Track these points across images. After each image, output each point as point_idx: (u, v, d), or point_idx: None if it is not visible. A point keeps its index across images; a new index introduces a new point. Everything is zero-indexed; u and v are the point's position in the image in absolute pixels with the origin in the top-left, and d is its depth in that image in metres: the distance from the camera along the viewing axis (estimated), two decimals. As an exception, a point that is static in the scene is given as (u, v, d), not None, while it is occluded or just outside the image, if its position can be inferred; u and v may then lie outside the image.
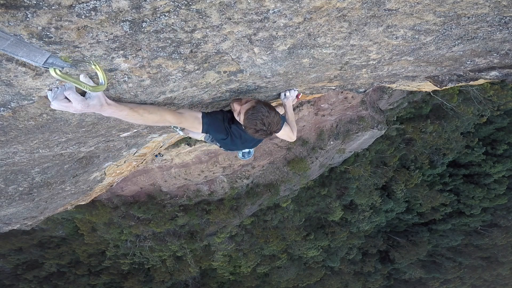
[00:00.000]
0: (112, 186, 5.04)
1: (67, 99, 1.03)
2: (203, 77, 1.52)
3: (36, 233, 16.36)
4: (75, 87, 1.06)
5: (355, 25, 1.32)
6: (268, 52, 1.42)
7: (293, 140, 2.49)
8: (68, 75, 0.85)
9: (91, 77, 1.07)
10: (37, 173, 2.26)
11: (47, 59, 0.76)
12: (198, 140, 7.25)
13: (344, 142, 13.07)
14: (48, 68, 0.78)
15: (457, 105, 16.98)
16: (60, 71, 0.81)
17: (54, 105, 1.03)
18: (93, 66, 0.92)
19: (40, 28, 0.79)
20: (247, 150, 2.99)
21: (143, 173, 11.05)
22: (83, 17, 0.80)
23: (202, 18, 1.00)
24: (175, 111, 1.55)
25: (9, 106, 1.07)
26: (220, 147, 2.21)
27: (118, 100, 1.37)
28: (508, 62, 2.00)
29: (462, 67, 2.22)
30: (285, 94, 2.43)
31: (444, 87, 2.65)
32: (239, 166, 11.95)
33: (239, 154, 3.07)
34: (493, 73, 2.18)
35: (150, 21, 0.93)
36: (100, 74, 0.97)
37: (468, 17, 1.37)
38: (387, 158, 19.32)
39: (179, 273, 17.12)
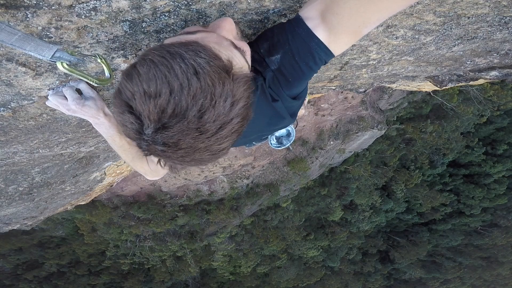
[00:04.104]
0: (112, 186, 5.05)
1: (65, 97, 1.03)
2: (203, 77, 1.52)
3: (36, 233, 16.35)
4: (75, 87, 1.06)
5: (355, 25, 1.32)
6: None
7: None
8: (75, 68, 0.85)
9: (93, 75, 1.08)
10: (37, 173, 2.26)
11: (54, 53, 0.77)
12: None
13: (344, 142, 13.07)
14: (55, 62, 0.79)
15: (457, 105, 16.98)
16: (67, 64, 0.82)
17: (50, 101, 1.03)
18: (99, 60, 0.93)
19: (40, 28, 0.79)
20: (282, 132, 1.82)
21: (143, 173, 11.04)
22: (83, 17, 0.80)
23: (202, 18, 1.00)
24: None
25: (9, 106, 1.07)
26: None
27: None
28: (508, 62, 2.00)
29: (462, 67, 2.22)
30: None
31: (444, 87, 2.65)
32: (239, 166, 11.95)
33: (271, 141, 1.89)
34: (493, 73, 2.19)
35: (150, 21, 0.93)
36: (106, 68, 0.98)
37: (468, 17, 1.37)
38: (387, 158, 19.32)
39: (179, 273, 17.12)
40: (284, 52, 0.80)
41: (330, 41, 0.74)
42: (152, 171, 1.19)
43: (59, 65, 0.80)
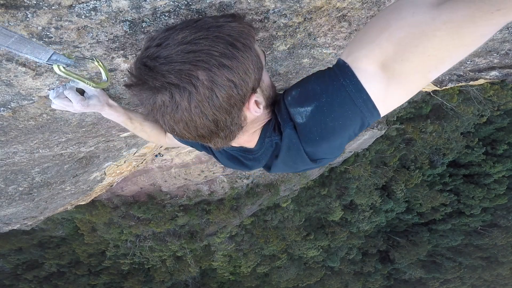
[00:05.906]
0: (112, 186, 5.05)
1: (68, 98, 1.04)
2: (203, 77, 1.52)
3: (36, 233, 16.36)
4: (76, 87, 1.06)
5: (355, 25, 1.32)
6: (268, 52, 1.42)
7: None
8: (71, 71, 0.85)
9: (93, 75, 1.08)
10: (37, 173, 2.26)
11: (51, 56, 0.77)
12: None
13: (344, 142, 13.07)
14: (52, 65, 0.79)
15: (457, 105, 17.00)
16: (64, 67, 0.81)
17: (55, 104, 1.04)
18: (96, 63, 0.93)
19: (40, 28, 0.79)
20: None
21: (143, 173, 11.06)
22: (83, 17, 0.80)
23: (202, 18, 1.00)
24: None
25: (9, 106, 1.07)
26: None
27: (118, 101, 1.37)
28: (508, 62, 2.00)
29: (462, 67, 2.22)
30: None
31: (444, 87, 2.65)
32: (239, 166, 11.96)
33: None
34: (493, 73, 2.19)
35: (150, 21, 0.93)
36: (103, 71, 0.98)
37: (468, 17, 1.37)
38: (387, 158, 19.33)
39: (179, 273, 17.13)
40: (318, 105, 0.63)
41: (384, 97, 0.58)
42: (168, 141, 1.28)
43: (55, 68, 0.80)
